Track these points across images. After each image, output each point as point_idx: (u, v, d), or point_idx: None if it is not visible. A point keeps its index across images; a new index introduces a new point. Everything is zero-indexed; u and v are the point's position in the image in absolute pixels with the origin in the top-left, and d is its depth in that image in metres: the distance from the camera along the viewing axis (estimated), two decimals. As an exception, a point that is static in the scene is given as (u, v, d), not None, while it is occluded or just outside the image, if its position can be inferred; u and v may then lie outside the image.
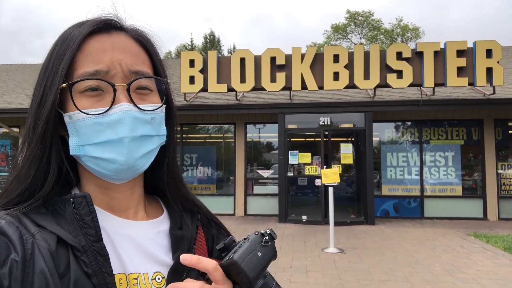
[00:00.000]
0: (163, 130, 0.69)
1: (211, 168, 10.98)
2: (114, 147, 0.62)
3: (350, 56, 9.13)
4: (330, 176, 6.79)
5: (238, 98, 10.28)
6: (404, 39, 33.53)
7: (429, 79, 8.84)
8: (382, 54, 9.07)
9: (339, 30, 34.94)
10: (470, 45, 8.85)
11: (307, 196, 10.13)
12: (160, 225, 0.73)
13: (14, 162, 0.67)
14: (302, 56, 9.26)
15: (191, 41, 36.17)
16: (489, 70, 8.69)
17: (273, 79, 9.28)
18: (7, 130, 10.99)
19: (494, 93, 9.15)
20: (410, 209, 10.14)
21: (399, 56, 8.98)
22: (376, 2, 53.07)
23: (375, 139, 10.24)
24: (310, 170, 9.63)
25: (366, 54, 9.10)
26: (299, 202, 10.08)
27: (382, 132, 10.49)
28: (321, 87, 9.19)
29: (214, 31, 47.11)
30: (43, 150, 0.63)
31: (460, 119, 10.18)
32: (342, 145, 9.56)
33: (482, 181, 10.00)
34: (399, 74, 8.92)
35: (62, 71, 0.62)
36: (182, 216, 0.76)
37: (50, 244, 0.58)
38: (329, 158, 9.64)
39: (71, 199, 0.62)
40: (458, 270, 5.47)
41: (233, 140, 10.90)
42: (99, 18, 0.67)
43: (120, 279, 0.63)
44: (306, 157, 9.63)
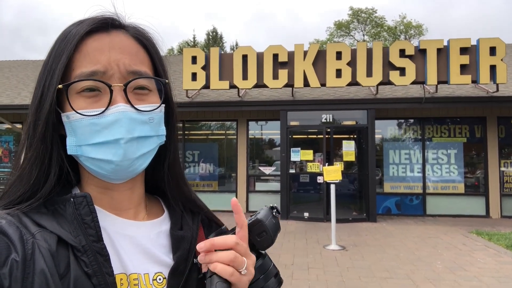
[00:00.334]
0: (162, 130, 0.69)
1: (213, 164, 10.99)
2: (110, 148, 0.62)
3: (353, 53, 9.10)
4: (332, 173, 6.79)
5: (240, 95, 10.27)
6: (407, 36, 33.39)
7: (432, 77, 8.80)
8: (385, 51, 9.04)
9: (342, 27, 34.81)
10: (473, 42, 8.81)
11: (309, 193, 10.13)
12: (160, 225, 0.73)
13: (15, 162, 0.66)
14: (305, 53, 9.23)
15: (194, 37, 36.18)
16: (492, 68, 8.64)
17: (275, 76, 9.26)
18: (10, 126, 11.03)
19: (497, 90, 9.11)
20: (412, 206, 10.13)
21: (402, 53, 8.94)
22: (379, -1, 52.83)
23: (378, 137, 10.22)
24: (312, 167, 9.62)
25: (369, 51, 9.06)
26: (301, 199, 10.09)
27: (385, 129, 10.46)
28: (323, 84, 9.17)
29: (216, 28, 47.04)
30: (45, 150, 0.63)
31: (463, 117, 10.14)
32: (344, 142, 9.54)
33: (484, 178, 9.97)
34: (402, 71, 8.89)
35: (59, 72, 0.62)
36: (182, 216, 0.76)
37: (50, 244, 0.58)
38: (331, 155, 9.63)
39: (72, 199, 0.62)
40: (460, 267, 5.47)
41: (235, 137, 10.90)
42: (98, 16, 0.66)
43: (121, 279, 0.63)
44: (308, 154, 9.62)
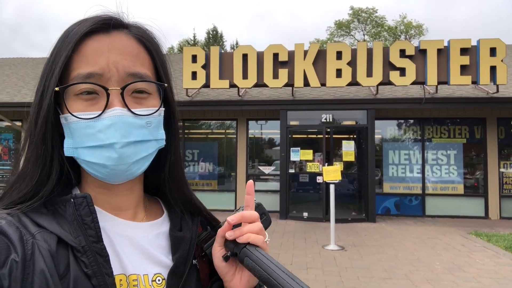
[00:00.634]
0: (161, 134, 0.68)
1: (213, 164, 10.99)
2: (105, 152, 0.61)
3: (353, 53, 9.09)
4: (332, 173, 6.79)
5: (240, 94, 10.26)
6: (407, 36, 33.39)
7: (432, 77, 8.79)
8: (385, 51, 9.03)
9: (343, 27, 34.80)
10: (474, 43, 8.80)
11: (308, 193, 10.14)
12: (160, 226, 0.73)
13: (16, 161, 0.66)
14: (305, 52, 9.22)
15: (194, 36, 36.17)
16: (492, 69, 8.64)
17: (275, 76, 9.25)
18: (10, 124, 11.02)
19: (497, 91, 9.11)
20: (411, 207, 10.14)
21: (402, 53, 8.94)
22: (380, -1, 52.77)
23: (377, 137, 10.22)
24: (311, 167, 9.63)
25: (369, 51, 9.06)
26: (300, 199, 10.09)
27: (384, 129, 10.46)
28: (323, 84, 9.17)
29: (217, 27, 46.93)
30: (45, 150, 0.63)
31: (462, 118, 10.14)
32: (344, 142, 9.54)
33: (484, 179, 9.98)
34: (402, 71, 8.88)
35: (57, 73, 0.61)
36: (182, 217, 0.76)
37: (50, 244, 0.58)
38: (330, 155, 9.63)
39: (72, 200, 0.62)
40: (459, 268, 5.47)
41: (235, 136, 10.90)
42: (99, 16, 0.65)
43: (120, 280, 0.63)
44: (307, 154, 9.62)
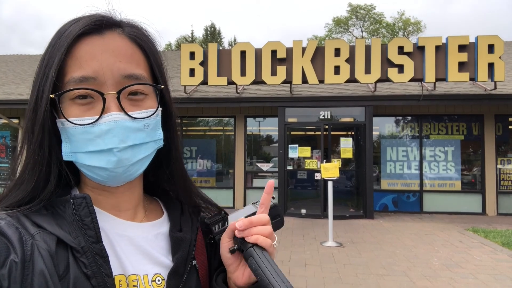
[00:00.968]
0: (159, 135, 0.68)
1: (211, 161, 10.98)
2: (104, 157, 0.61)
3: (351, 50, 9.09)
4: (330, 170, 6.79)
5: (238, 91, 10.25)
6: (405, 33, 33.38)
7: (430, 74, 8.80)
8: (384, 48, 9.03)
9: (341, 23, 34.77)
10: (472, 40, 8.81)
11: (307, 190, 10.16)
12: (159, 226, 0.73)
13: (13, 166, 0.66)
14: (303, 49, 9.21)
15: (192, 33, 36.02)
16: (490, 65, 8.66)
17: (273, 73, 9.24)
18: (7, 121, 10.98)
19: (495, 88, 9.13)
20: (409, 203, 10.17)
21: (401, 50, 8.94)
22: (378, -5, 52.65)
23: (375, 134, 10.24)
24: (309, 164, 9.63)
25: (368, 48, 9.05)
26: (299, 195, 10.11)
27: (382, 126, 10.48)
28: (321, 81, 9.17)
29: (215, 23, 46.79)
30: (42, 156, 0.62)
31: (460, 114, 10.16)
32: (342, 139, 9.55)
33: (481, 176, 10.01)
34: (400, 68, 8.89)
35: (51, 78, 0.60)
36: (182, 218, 0.76)
37: (49, 245, 0.57)
38: (329, 152, 9.64)
39: (71, 200, 0.62)
40: (456, 265, 5.50)
41: (233, 133, 10.89)
42: (91, 15, 0.64)
43: (120, 281, 0.63)
44: (306, 151, 9.63)
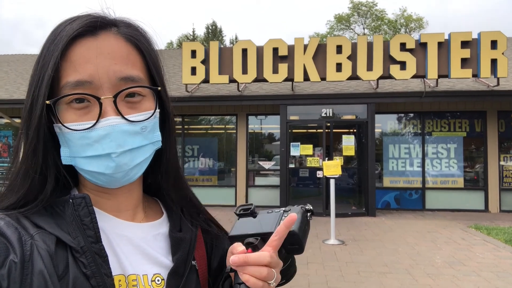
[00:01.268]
0: (157, 136, 0.67)
1: (213, 159, 10.99)
2: (103, 161, 0.61)
3: (353, 47, 9.05)
4: (332, 168, 6.79)
5: (240, 89, 10.23)
6: (407, 30, 33.25)
7: (432, 71, 8.76)
8: (386, 45, 8.99)
9: (342, 20, 34.65)
10: (474, 36, 8.76)
11: (309, 187, 10.16)
12: (159, 227, 0.73)
13: (7, 173, 0.65)
14: (305, 47, 9.18)
15: (193, 31, 36.14)
16: (493, 62, 8.61)
17: (275, 70, 9.22)
18: (9, 121, 11.00)
19: (498, 84, 9.08)
20: (411, 201, 10.15)
21: (403, 47, 8.90)
22: (379, -8, 52.46)
23: (377, 131, 10.21)
24: (311, 162, 9.62)
25: (370, 45, 9.02)
26: (301, 193, 10.11)
27: (385, 123, 10.45)
28: (323, 78, 9.14)
29: (216, 21, 46.77)
30: (36, 161, 0.62)
31: (463, 111, 10.12)
32: (344, 136, 9.53)
33: (484, 173, 9.98)
34: (403, 65, 8.85)
35: (46, 83, 0.60)
36: (181, 218, 0.76)
37: (49, 245, 0.57)
38: (331, 149, 9.63)
39: (70, 200, 0.62)
40: (459, 262, 5.49)
41: (234, 131, 10.89)
42: (85, 16, 0.63)
43: (119, 281, 0.63)
44: (307, 148, 9.62)
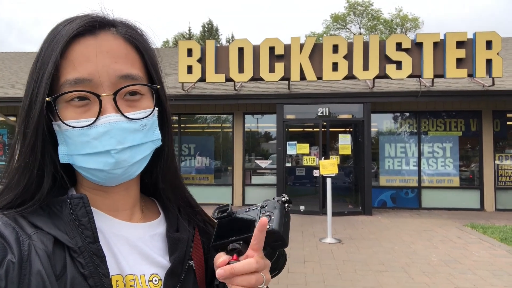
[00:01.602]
0: (157, 135, 0.67)
1: (209, 158, 10.98)
2: (102, 158, 0.61)
3: (350, 46, 9.07)
4: (328, 167, 6.80)
5: (236, 88, 10.23)
6: (403, 30, 33.35)
7: (428, 70, 8.81)
8: (382, 45, 9.02)
9: (338, 20, 34.69)
10: (470, 36, 8.81)
11: (305, 186, 10.17)
12: (156, 227, 0.73)
13: (5, 171, 0.65)
14: (301, 46, 9.19)
15: (189, 29, 36.01)
16: (488, 62, 8.66)
17: (271, 69, 9.22)
18: (4, 119, 10.94)
19: (493, 84, 9.14)
20: (407, 199, 10.20)
21: (399, 46, 8.93)
22: (376, -9, 52.55)
23: (374, 130, 10.25)
24: (308, 161, 9.64)
25: (366, 45, 9.04)
26: (297, 192, 10.12)
27: (381, 123, 10.48)
28: (320, 78, 9.15)
29: (212, 20, 46.65)
30: (34, 159, 0.61)
31: (458, 110, 10.18)
32: (340, 135, 9.55)
33: (479, 172, 10.04)
34: (399, 65, 8.88)
35: (46, 82, 0.60)
36: (179, 218, 0.75)
37: (46, 245, 0.57)
38: (327, 148, 9.65)
39: (68, 200, 0.62)
40: (455, 260, 5.52)
41: (231, 130, 10.89)
42: (85, 16, 0.64)
43: (117, 281, 0.63)
44: (304, 147, 9.64)
